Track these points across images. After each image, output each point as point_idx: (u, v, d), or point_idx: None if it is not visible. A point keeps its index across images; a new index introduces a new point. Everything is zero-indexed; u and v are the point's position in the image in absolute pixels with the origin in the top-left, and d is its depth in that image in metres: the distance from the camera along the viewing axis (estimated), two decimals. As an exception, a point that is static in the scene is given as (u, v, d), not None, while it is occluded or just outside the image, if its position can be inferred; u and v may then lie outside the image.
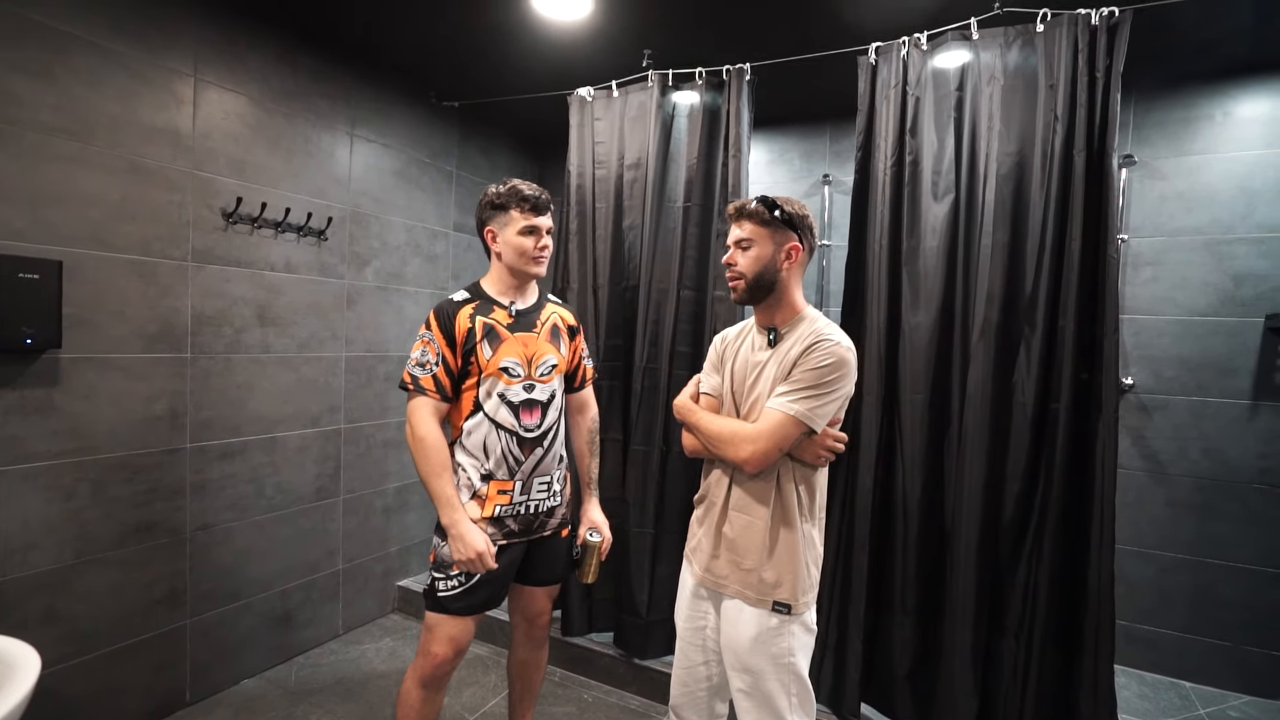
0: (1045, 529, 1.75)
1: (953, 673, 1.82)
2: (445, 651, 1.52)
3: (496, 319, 1.56)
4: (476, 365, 1.52)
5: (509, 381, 1.54)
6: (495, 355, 1.53)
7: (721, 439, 1.31)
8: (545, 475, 1.61)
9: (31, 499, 1.72)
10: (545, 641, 1.78)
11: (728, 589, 1.35)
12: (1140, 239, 2.43)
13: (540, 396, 1.58)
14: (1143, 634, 2.44)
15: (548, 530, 1.65)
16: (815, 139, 2.89)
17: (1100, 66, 1.70)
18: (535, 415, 1.57)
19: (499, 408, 1.53)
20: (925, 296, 1.89)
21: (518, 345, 1.56)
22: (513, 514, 1.57)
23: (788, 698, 1.29)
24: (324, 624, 2.55)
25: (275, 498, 2.33)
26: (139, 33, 1.86)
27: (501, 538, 1.56)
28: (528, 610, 1.73)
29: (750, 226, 1.35)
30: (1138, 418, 2.44)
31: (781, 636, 1.29)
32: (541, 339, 1.61)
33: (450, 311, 1.54)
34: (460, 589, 1.52)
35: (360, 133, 2.55)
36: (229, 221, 2.11)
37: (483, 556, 1.47)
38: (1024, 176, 1.80)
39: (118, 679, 1.92)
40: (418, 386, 1.50)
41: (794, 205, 1.34)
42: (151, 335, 1.94)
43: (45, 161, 1.70)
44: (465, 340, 1.52)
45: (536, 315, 1.63)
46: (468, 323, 1.53)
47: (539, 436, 1.58)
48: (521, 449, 1.56)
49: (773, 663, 1.29)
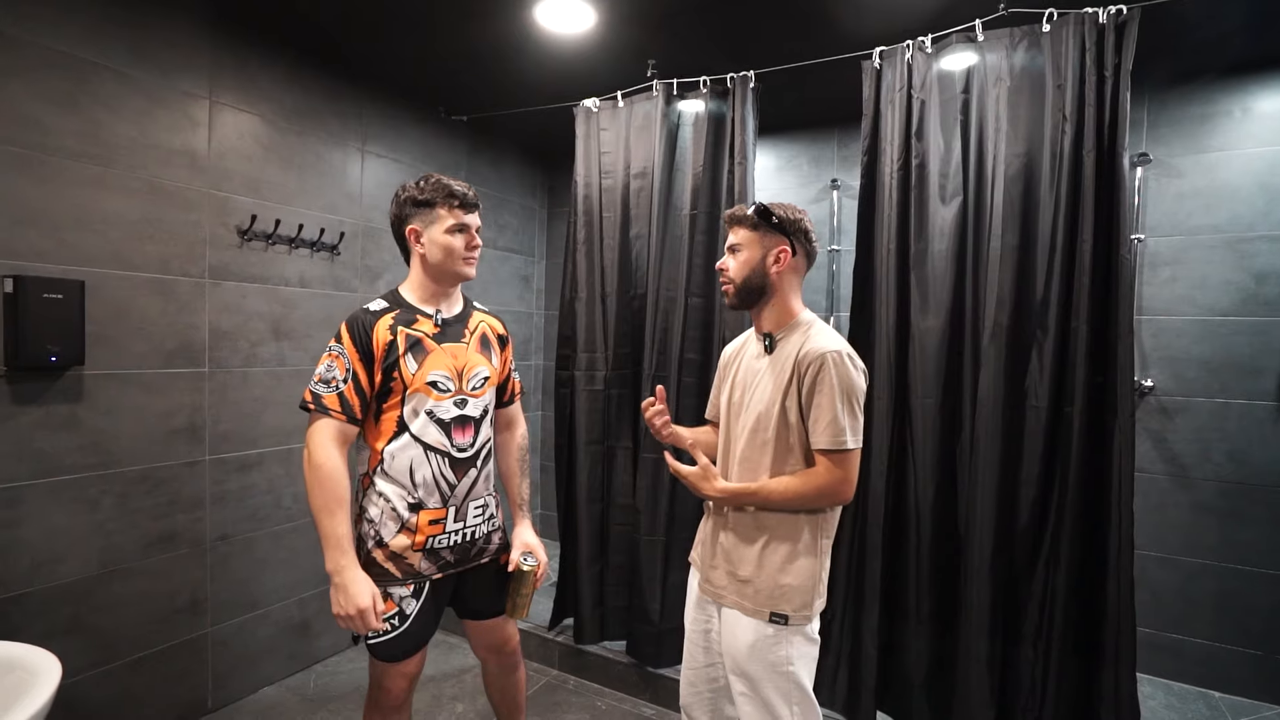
0: (1062, 535, 1.73)
1: (969, 681, 1.79)
2: (400, 685, 1.45)
3: (421, 329, 1.40)
4: (400, 381, 1.36)
5: (438, 397, 1.39)
6: (421, 369, 1.38)
7: (805, 499, 1.26)
8: (479, 499, 1.48)
9: (58, 511, 1.77)
10: (519, 663, 1.67)
11: (725, 600, 1.36)
12: (1158, 238, 2.38)
13: (473, 412, 1.45)
14: (1168, 642, 2.38)
15: (486, 558, 1.53)
16: (823, 144, 2.88)
17: (1109, 65, 1.67)
18: (469, 433, 1.44)
19: (427, 426, 1.39)
20: (935, 300, 1.87)
21: (446, 357, 1.42)
22: (448, 545, 1.44)
23: (788, 706, 1.28)
24: (341, 632, 2.58)
25: (292, 508, 2.37)
26: (156, 57, 1.92)
27: (437, 572, 1.44)
28: (491, 642, 1.60)
29: (741, 232, 1.36)
30: (1158, 420, 2.39)
31: (779, 645, 1.28)
32: (472, 349, 1.47)
33: (366, 322, 1.36)
34: (390, 636, 1.39)
35: (371, 148, 2.60)
36: (244, 239, 2.16)
37: (364, 614, 1.28)
38: (1033, 178, 1.79)
39: (141, 687, 1.96)
40: (320, 406, 1.32)
41: (788, 210, 1.34)
42: (170, 351, 1.99)
43: (69, 185, 1.76)
44: (386, 354, 1.35)
45: (464, 324, 1.49)
46: (388, 334, 1.36)
47: (473, 456, 1.45)
48: (454, 471, 1.42)
49: (771, 670, 1.28)
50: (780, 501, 1.28)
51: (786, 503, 1.28)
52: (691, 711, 1.48)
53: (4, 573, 1.68)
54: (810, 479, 1.26)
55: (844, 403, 1.24)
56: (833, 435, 1.24)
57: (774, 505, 1.29)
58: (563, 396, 2.45)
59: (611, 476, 2.42)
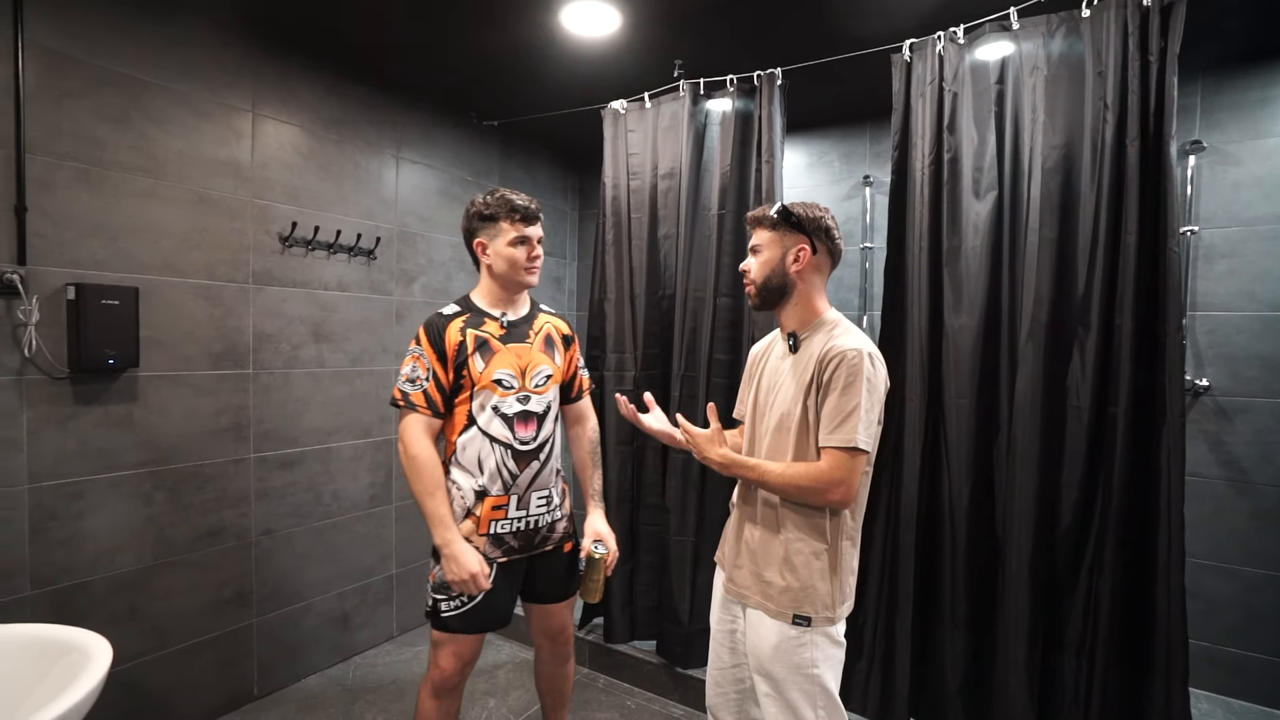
0: (1106, 539, 1.66)
1: (1007, 688, 1.74)
2: (452, 665, 1.53)
3: (488, 331, 1.53)
4: (469, 379, 1.49)
5: (502, 393, 1.51)
6: (488, 367, 1.50)
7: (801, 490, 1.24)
8: (543, 489, 1.57)
9: (117, 505, 1.88)
10: (570, 655, 1.76)
11: (749, 600, 1.35)
12: (1213, 230, 2.26)
13: (536, 408, 1.55)
14: (1228, 657, 2.25)
15: (550, 545, 1.62)
16: (854, 140, 2.83)
17: (1154, 49, 1.60)
18: (531, 427, 1.54)
19: (492, 420, 1.50)
20: (969, 297, 1.82)
21: (511, 356, 1.53)
22: (511, 531, 1.54)
23: (813, 709, 1.26)
24: (379, 626, 2.66)
25: (331, 505, 2.45)
26: (202, 74, 2.02)
27: (502, 555, 1.54)
28: (548, 628, 1.70)
29: (760, 232, 1.36)
30: (1215, 422, 2.27)
31: (803, 647, 1.27)
32: (535, 349, 1.58)
33: (440, 325, 1.52)
34: (463, 609, 1.50)
35: (406, 155, 2.67)
36: (285, 245, 2.24)
37: (475, 578, 1.43)
38: (1072, 170, 1.72)
39: (192, 673, 2.06)
40: (408, 403, 1.48)
41: (808, 209, 1.33)
42: (217, 353, 2.08)
43: (123, 197, 1.86)
44: (456, 354, 1.49)
45: (529, 325, 1.61)
46: (458, 336, 1.50)
47: (535, 449, 1.55)
48: (517, 462, 1.52)
49: (795, 672, 1.27)
50: (776, 485, 1.26)
51: (781, 488, 1.26)
52: (717, 712, 1.48)
53: (71, 561, 1.79)
54: (810, 471, 1.23)
55: (859, 403, 1.21)
56: (845, 434, 1.20)
57: (769, 486, 1.28)
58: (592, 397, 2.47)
59: (641, 476, 2.43)
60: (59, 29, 1.73)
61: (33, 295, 1.69)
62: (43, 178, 1.71)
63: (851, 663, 1.96)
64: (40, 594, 1.74)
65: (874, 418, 1.24)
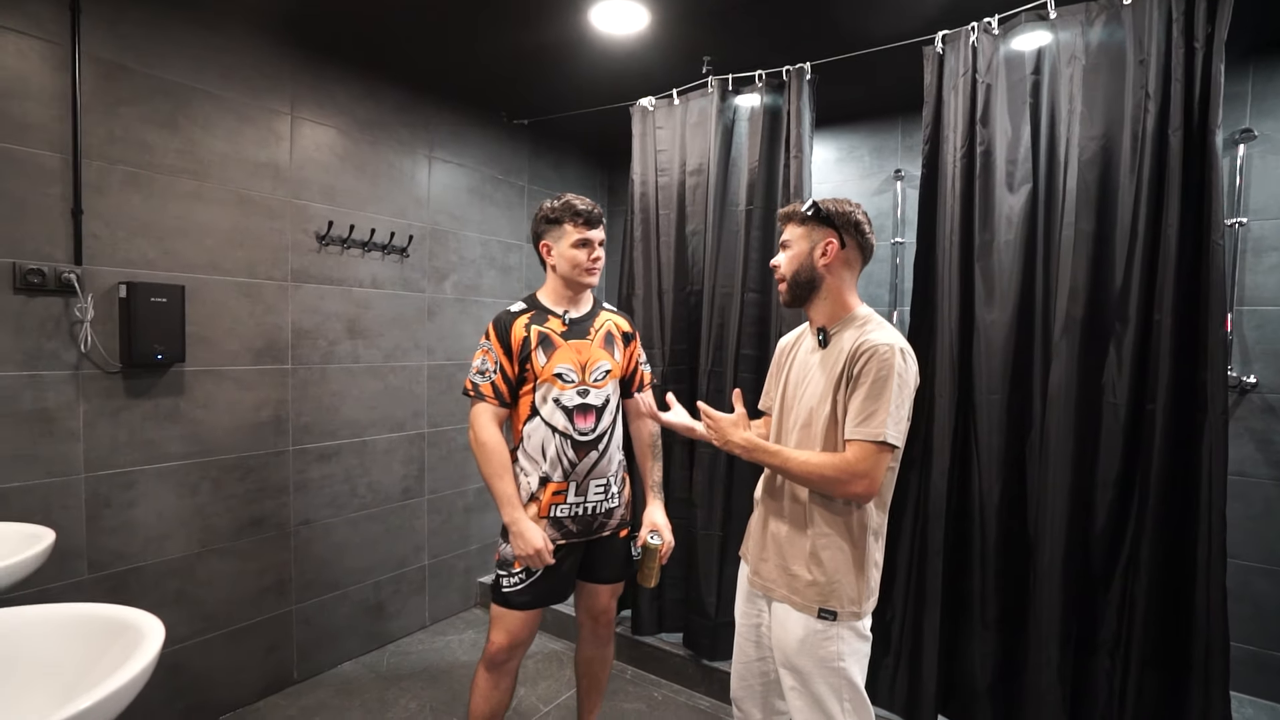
0: (1143, 539, 1.62)
1: (1039, 689, 1.71)
2: (502, 640, 1.62)
3: (551, 327, 1.63)
4: (532, 372, 1.59)
5: (563, 387, 1.60)
6: (550, 362, 1.59)
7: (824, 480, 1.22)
8: (601, 478, 1.65)
9: (166, 494, 1.97)
10: (610, 639, 1.84)
11: (775, 593, 1.36)
12: (1263, 221, 2.18)
13: (594, 401, 1.63)
14: (1276, 662, 2.18)
15: (607, 531, 1.70)
16: (885, 134, 2.79)
17: (1200, 35, 1.55)
18: (589, 419, 1.62)
19: (554, 412, 1.60)
20: (1001, 292, 1.79)
21: (571, 352, 1.62)
22: (570, 515, 1.63)
23: (839, 702, 1.26)
24: (412, 615, 2.73)
25: (366, 496, 2.52)
26: (244, 79, 2.09)
27: (561, 538, 1.63)
28: (592, 607, 1.79)
29: (790, 228, 1.37)
30: (1263, 420, 2.19)
31: (829, 640, 1.27)
32: (595, 345, 1.66)
33: (507, 322, 1.62)
34: (522, 585, 1.60)
35: (438, 155, 2.72)
36: (322, 243, 2.31)
37: (540, 553, 1.54)
38: (1111, 161, 1.68)
39: (236, 657, 2.14)
40: (478, 393, 1.60)
41: (838, 204, 1.33)
42: (258, 349, 2.16)
43: (171, 199, 1.94)
44: (521, 348, 1.59)
45: (590, 323, 1.68)
46: (523, 332, 1.61)
47: (594, 440, 1.63)
48: (575, 452, 1.61)
49: (821, 665, 1.28)
50: (798, 472, 1.25)
51: (804, 476, 1.25)
52: (742, 705, 1.49)
53: (125, 546, 1.88)
54: (834, 460, 1.22)
55: (890, 397, 1.20)
56: (873, 428, 1.19)
57: (790, 472, 1.27)
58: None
59: (669, 471, 2.43)
60: (113, 40, 1.81)
61: (88, 294, 1.77)
62: (96, 181, 1.79)
63: (879, 659, 1.95)
64: (96, 578, 1.83)
65: (904, 414, 1.23)
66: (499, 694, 1.66)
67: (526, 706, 2.24)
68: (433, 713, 2.18)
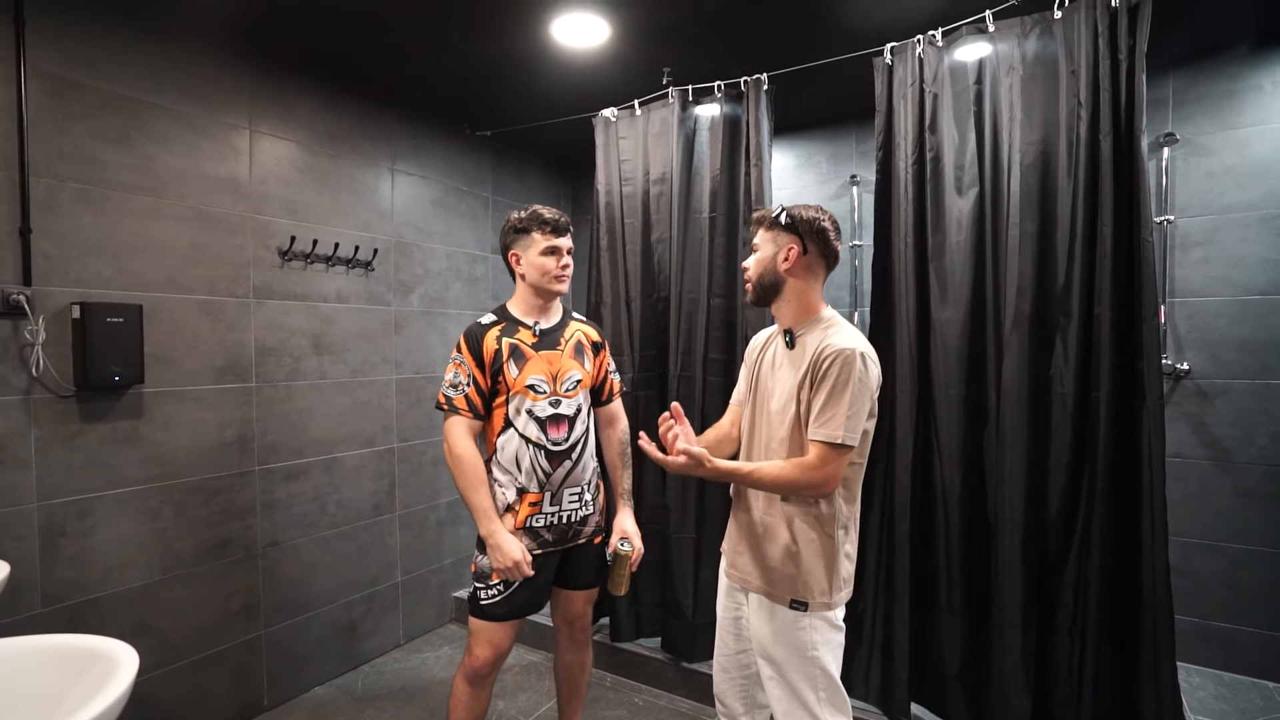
0: (1093, 522, 1.71)
1: (1004, 671, 1.79)
2: (487, 654, 1.63)
3: (521, 339, 1.64)
4: (505, 384, 1.60)
5: (535, 398, 1.61)
6: (521, 373, 1.61)
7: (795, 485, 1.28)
8: (575, 486, 1.67)
9: (124, 521, 1.90)
10: (588, 644, 1.85)
11: (750, 585, 1.40)
12: (1188, 219, 2.34)
13: (566, 411, 1.65)
14: (1218, 632, 2.32)
15: (582, 539, 1.72)
16: (841, 141, 2.89)
17: (1123, 48, 1.67)
18: (562, 429, 1.64)
19: (528, 423, 1.61)
20: (954, 291, 1.88)
21: (542, 363, 1.64)
22: (546, 525, 1.64)
23: (815, 691, 1.31)
24: (386, 634, 2.68)
25: (337, 514, 2.48)
26: (200, 93, 2.05)
27: (538, 548, 1.64)
28: (567, 613, 1.81)
29: (760, 232, 1.43)
30: (1197, 404, 2.34)
31: (802, 630, 1.32)
32: (566, 355, 1.68)
33: (478, 334, 1.63)
34: (500, 597, 1.61)
35: (400, 167, 2.71)
36: (284, 259, 2.28)
37: (519, 565, 1.55)
38: (1050, 165, 1.78)
39: (203, 685, 2.08)
40: (451, 407, 1.59)
41: (805, 210, 1.38)
42: (221, 368, 2.11)
43: (126, 216, 1.89)
44: (493, 360, 1.60)
45: (560, 333, 1.70)
46: (495, 344, 1.61)
47: (567, 449, 1.65)
48: (550, 462, 1.62)
49: (796, 654, 1.32)
50: (770, 485, 1.30)
51: (774, 486, 1.30)
52: (724, 698, 1.52)
53: (81, 577, 1.81)
54: (801, 468, 1.28)
55: (849, 400, 1.26)
56: (831, 429, 1.26)
57: (764, 487, 1.32)
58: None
59: (642, 476, 2.46)
60: (60, 54, 1.76)
61: (39, 315, 1.71)
62: (46, 199, 1.74)
63: (852, 650, 2.01)
64: (51, 610, 1.76)
65: (862, 415, 1.29)
66: (480, 705, 1.67)
67: (507, 719, 2.23)
68: (411, 731, 2.15)
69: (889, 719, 1.96)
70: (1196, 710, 2.09)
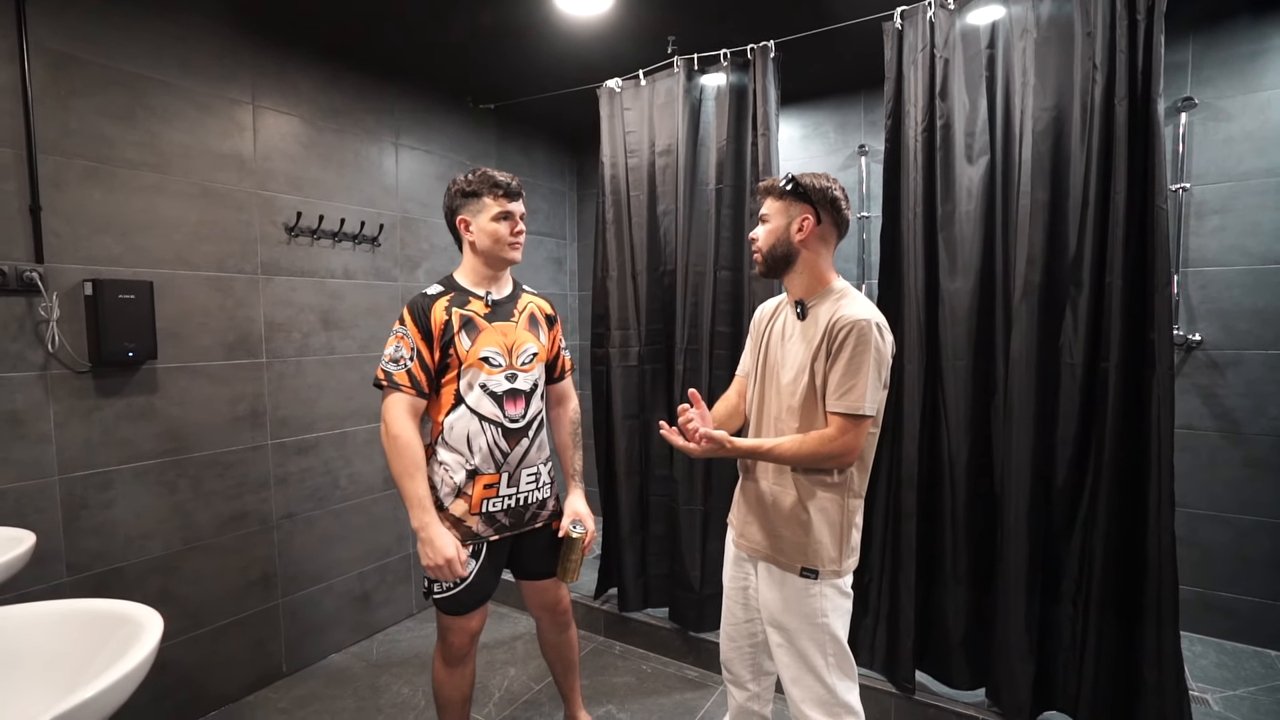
0: (1100, 492, 1.72)
1: (1008, 639, 1.81)
2: (458, 640, 1.59)
3: (473, 310, 1.54)
4: (456, 357, 1.50)
5: (490, 371, 1.52)
6: (474, 345, 1.51)
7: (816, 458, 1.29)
8: (531, 466, 1.61)
9: (143, 494, 1.94)
10: (570, 622, 1.82)
11: (759, 554, 1.42)
12: (1204, 186, 2.29)
13: (523, 385, 1.58)
14: (1221, 601, 2.33)
15: (539, 522, 1.66)
16: (849, 110, 2.84)
17: (1141, 8, 1.62)
18: (519, 405, 1.57)
19: (481, 399, 1.52)
20: (963, 262, 1.86)
21: (497, 335, 1.55)
22: (502, 509, 1.58)
23: (824, 657, 1.33)
24: (399, 604, 2.75)
25: (348, 488, 2.52)
26: (203, 69, 2.04)
27: (494, 534, 1.57)
28: (544, 602, 1.75)
29: (768, 202, 1.40)
30: (1208, 375, 2.32)
31: (812, 597, 1.33)
32: (520, 327, 1.60)
33: (424, 305, 1.51)
34: (452, 592, 1.53)
35: (404, 142, 2.69)
36: (291, 235, 2.28)
37: (451, 564, 1.45)
38: (1062, 131, 1.75)
39: (223, 652, 2.14)
40: (391, 383, 1.48)
41: (816, 179, 1.36)
42: (231, 344, 2.13)
43: (133, 193, 1.89)
44: (443, 332, 1.49)
45: (513, 305, 1.62)
46: (444, 315, 1.51)
47: (524, 427, 1.58)
48: (507, 440, 1.55)
49: (805, 621, 1.34)
50: (790, 459, 1.31)
51: (797, 460, 1.31)
52: (731, 666, 1.55)
53: (104, 547, 1.86)
54: (822, 440, 1.28)
55: (866, 370, 1.25)
56: (852, 400, 1.26)
57: (785, 461, 1.33)
58: (599, 374, 2.53)
59: (649, 449, 2.49)
60: (61, 30, 1.75)
61: (53, 292, 1.73)
62: (54, 176, 1.75)
63: (858, 619, 2.04)
64: (76, 579, 1.81)
65: (880, 384, 1.30)
66: (464, 681, 1.66)
67: (518, 687, 2.29)
68: (426, 697, 2.21)
69: (894, 686, 1.99)
70: (1198, 678, 2.12)
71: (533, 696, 2.24)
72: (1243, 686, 2.08)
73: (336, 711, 2.14)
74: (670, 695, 2.22)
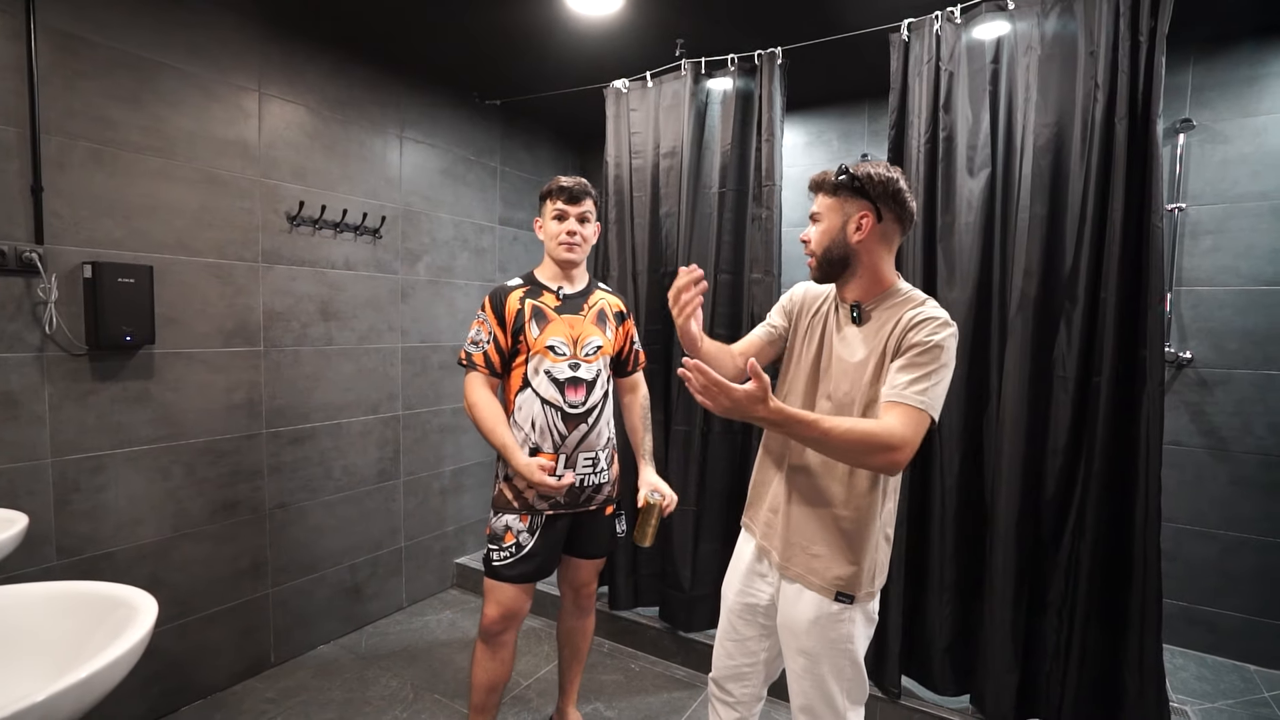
0: (1088, 504, 1.74)
1: (993, 647, 1.83)
2: (494, 612, 1.67)
3: (544, 302, 1.69)
4: (525, 344, 1.65)
5: (554, 359, 1.65)
6: (542, 334, 1.65)
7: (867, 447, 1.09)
8: (590, 452, 1.70)
9: (135, 479, 1.94)
10: (591, 610, 1.91)
11: (789, 572, 1.29)
12: (1199, 206, 2.33)
13: (585, 375, 1.68)
14: (1204, 615, 2.36)
15: (594, 505, 1.75)
16: (853, 119, 2.87)
17: (1144, 30, 1.65)
18: (580, 392, 1.67)
19: (545, 384, 1.65)
20: (961, 272, 1.88)
21: (564, 326, 1.68)
22: None
23: (840, 683, 1.25)
24: (389, 597, 2.74)
25: (342, 479, 2.51)
26: (210, 55, 2.04)
27: (549, 509, 1.67)
28: (574, 580, 1.85)
29: (820, 199, 1.25)
30: (1197, 393, 2.35)
31: (841, 623, 1.23)
32: (588, 321, 1.72)
33: (502, 295, 1.69)
34: (512, 559, 1.66)
35: (409, 135, 2.69)
36: (293, 224, 2.28)
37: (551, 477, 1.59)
38: (1063, 148, 1.77)
39: (212, 640, 2.13)
40: (470, 363, 1.67)
41: (876, 169, 1.20)
42: (229, 331, 2.13)
43: (137, 177, 1.89)
44: (515, 320, 1.65)
45: (584, 300, 1.74)
46: (517, 305, 1.67)
47: (583, 413, 1.68)
48: (565, 424, 1.66)
49: (831, 647, 1.24)
50: (835, 440, 1.09)
51: (843, 443, 1.09)
52: (725, 684, 1.43)
53: (95, 531, 1.85)
54: (876, 426, 1.09)
55: (941, 371, 1.13)
56: (923, 395, 1.11)
57: (826, 440, 1.10)
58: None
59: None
60: (69, 10, 1.75)
61: (51, 274, 1.73)
62: (57, 158, 1.74)
63: (847, 623, 2.05)
64: (66, 563, 1.80)
65: (944, 390, 1.16)
66: (496, 665, 1.71)
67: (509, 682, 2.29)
68: (414, 690, 2.21)
69: (880, 690, 2.01)
70: (1178, 690, 2.15)
71: (521, 692, 2.24)
72: (1222, 699, 2.11)
73: (324, 703, 2.14)
74: (658, 694, 2.24)
